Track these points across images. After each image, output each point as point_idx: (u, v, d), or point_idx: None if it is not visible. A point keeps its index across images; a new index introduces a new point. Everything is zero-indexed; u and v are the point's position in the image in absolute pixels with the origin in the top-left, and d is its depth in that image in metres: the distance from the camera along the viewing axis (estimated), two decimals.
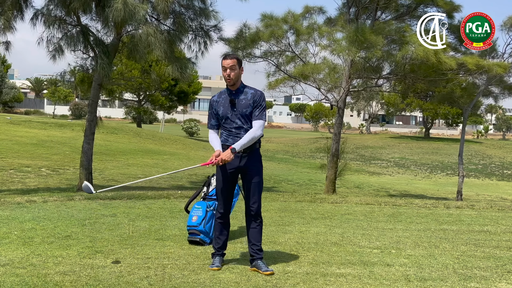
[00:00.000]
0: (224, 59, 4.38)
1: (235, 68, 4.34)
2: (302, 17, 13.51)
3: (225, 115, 4.42)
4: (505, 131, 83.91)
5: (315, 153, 34.86)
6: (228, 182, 4.47)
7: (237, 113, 4.39)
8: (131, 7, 9.30)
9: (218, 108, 4.47)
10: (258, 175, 4.45)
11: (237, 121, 4.39)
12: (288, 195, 9.66)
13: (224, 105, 4.43)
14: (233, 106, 4.39)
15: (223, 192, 4.50)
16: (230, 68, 4.33)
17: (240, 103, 4.40)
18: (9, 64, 60.14)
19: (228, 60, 4.35)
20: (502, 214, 8.25)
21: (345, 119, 62.00)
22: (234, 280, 4.08)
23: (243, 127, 4.39)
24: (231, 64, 4.33)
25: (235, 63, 4.34)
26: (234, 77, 4.35)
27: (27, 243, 4.97)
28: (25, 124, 25.92)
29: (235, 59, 4.38)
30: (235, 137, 4.39)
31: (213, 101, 4.52)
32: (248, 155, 4.41)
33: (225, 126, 4.45)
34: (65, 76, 12.04)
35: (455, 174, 26.88)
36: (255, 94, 4.45)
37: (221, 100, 4.48)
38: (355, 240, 5.69)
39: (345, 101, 13.97)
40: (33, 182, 13.71)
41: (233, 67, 4.33)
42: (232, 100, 4.40)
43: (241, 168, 4.42)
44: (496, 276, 4.45)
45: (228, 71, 4.33)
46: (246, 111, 4.38)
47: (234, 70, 4.34)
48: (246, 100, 4.41)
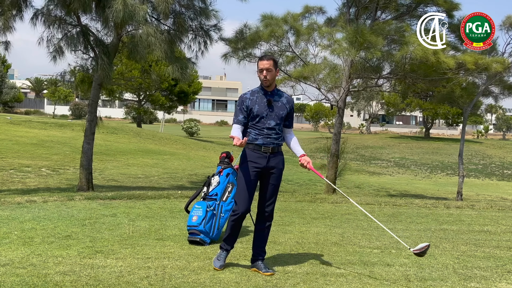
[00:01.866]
0: (261, 60, 4.34)
1: (272, 70, 4.31)
2: (302, 17, 13.51)
3: (261, 114, 4.34)
4: (505, 131, 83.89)
5: (315, 153, 34.85)
6: (251, 182, 4.36)
7: (273, 114, 4.35)
8: (131, 8, 9.30)
9: (252, 106, 4.35)
10: (279, 177, 4.44)
11: (271, 121, 4.35)
12: (288, 195, 9.66)
13: (260, 104, 4.35)
14: (270, 107, 4.35)
15: (247, 191, 4.36)
16: (267, 70, 4.30)
17: (276, 105, 4.38)
18: (9, 64, 60.16)
19: (265, 61, 4.31)
20: (502, 214, 8.25)
21: (345, 119, 62.04)
22: (234, 280, 4.08)
23: (275, 129, 4.37)
24: (267, 65, 4.29)
25: (271, 65, 4.31)
26: (271, 78, 4.33)
27: (27, 243, 4.97)
28: (25, 124, 25.92)
29: (271, 60, 4.34)
30: (266, 138, 4.35)
31: (246, 97, 4.40)
32: (275, 155, 4.40)
33: (257, 125, 4.36)
34: (65, 76, 12.03)
35: (455, 174, 26.89)
36: (289, 99, 4.49)
37: (255, 99, 4.38)
38: (355, 240, 5.70)
39: (345, 101, 13.97)
40: (33, 182, 13.72)
41: (270, 69, 4.30)
42: (270, 100, 4.36)
43: (266, 168, 4.38)
44: (496, 276, 4.45)
45: (265, 72, 4.30)
46: (283, 114, 4.39)
47: (271, 71, 4.31)
48: (282, 103, 4.41)
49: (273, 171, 4.40)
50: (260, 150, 4.35)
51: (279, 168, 4.43)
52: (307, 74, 12.91)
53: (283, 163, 4.48)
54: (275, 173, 4.41)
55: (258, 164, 4.35)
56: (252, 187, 4.38)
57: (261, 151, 4.35)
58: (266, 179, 4.42)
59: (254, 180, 4.37)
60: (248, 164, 4.36)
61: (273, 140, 4.37)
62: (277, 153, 4.42)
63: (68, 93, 65.11)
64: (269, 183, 4.41)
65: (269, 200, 4.44)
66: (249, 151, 4.39)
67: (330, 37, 12.74)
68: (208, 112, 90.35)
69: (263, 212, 4.46)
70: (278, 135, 4.41)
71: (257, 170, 4.36)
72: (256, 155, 4.35)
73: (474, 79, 14.00)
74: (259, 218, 4.50)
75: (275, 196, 4.46)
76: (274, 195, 4.45)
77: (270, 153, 4.36)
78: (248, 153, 4.38)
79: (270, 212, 4.47)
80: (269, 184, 4.41)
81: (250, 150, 4.38)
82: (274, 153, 4.39)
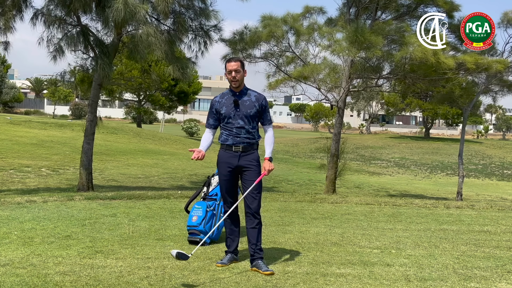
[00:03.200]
0: (229, 62, 4.49)
1: (240, 71, 4.46)
2: (302, 17, 13.51)
3: (228, 115, 4.49)
4: (505, 131, 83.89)
5: (315, 153, 34.86)
6: (228, 181, 4.55)
7: (240, 114, 4.47)
8: (131, 7, 9.30)
9: (220, 108, 4.53)
10: (256, 174, 4.50)
11: (239, 121, 4.47)
12: (288, 195, 9.66)
13: (227, 105, 4.51)
14: (237, 107, 4.48)
15: (226, 191, 4.59)
16: (235, 71, 4.44)
17: (244, 104, 4.50)
18: (9, 64, 60.16)
19: (233, 62, 4.46)
20: (502, 214, 8.25)
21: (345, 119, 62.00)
22: (234, 280, 4.08)
23: (245, 127, 4.48)
24: (235, 67, 4.44)
25: (239, 66, 4.46)
26: (240, 78, 4.47)
27: (27, 243, 4.97)
28: (25, 124, 25.92)
29: (239, 61, 4.50)
30: (235, 137, 4.49)
31: (215, 101, 4.61)
32: (246, 154, 4.51)
33: (226, 126, 4.53)
34: (65, 76, 12.04)
35: (455, 174, 26.88)
36: (259, 97, 4.58)
37: (223, 101, 4.55)
38: (355, 240, 5.70)
39: (345, 101, 13.97)
40: (33, 182, 13.72)
41: (238, 70, 4.44)
42: (236, 100, 4.49)
43: (239, 167, 4.51)
44: (496, 276, 4.45)
45: (234, 73, 4.44)
46: (250, 112, 4.48)
47: (239, 72, 4.45)
48: (250, 101, 4.51)
49: (247, 168, 4.50)
50: (231, 150, 4.51)
51: (253, 165, 4.52)
52: (307, 74, 12.92)
53: (257, 160, 4.56)
54: (250, 171, 4.50)
55: (230, 163, 4.51)
56: (230, 185, 4.57)
57: (232, 151, 4.50)
58: (243, 177, 4.54)
59: (230, 180, 4.56)
60: (221, 165, 4.57)
61: (243, 139, 4.48)
62: (249, 151, 4.52)
63: (68, 93, 65.10)
64: (246, 180, 4.51)
65: (250, 198, 4.48)
66: (221, 152, 4.58)
67: (330, 37, 12.75)
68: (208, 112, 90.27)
69: (248, 210, 4.52)
70: (249, 133, 4.50)
71: (229, 169, 4.52)
72: (228, 155, 4.52)
73: (473, 79, 14.00)
74: (246, 217, 4.56)
75: (255, 193, 4.49)
76: (254, 191, 4.48)
77: (241, 152, 4.49)
78: (221, 154, 4.58)
79: (256, 210, 4.50)
80: (246, 181, 4.51)
81: (222, 151, 4.58)
82: (246, 151, 4.51)
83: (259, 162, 4.58)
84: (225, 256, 4.62)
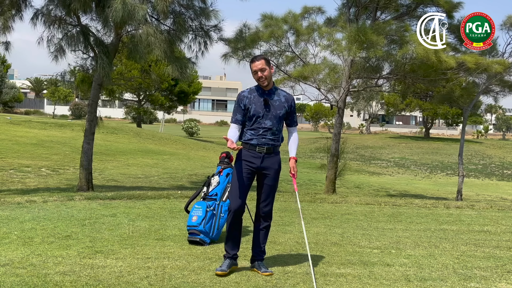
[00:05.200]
0: (253, 62, 4.27)
1: (266, 68, 4.24)
2: (301, 17, 13.51)
3: (257, 114, 4.26)
4: (505, 131, 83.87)
5: (315, 153, 34.87)
6: (245, 181, 4.30)
7: (270, 114, 4.27)
8: (130, 7, 9.30)
9: (249, 105, 4.28)
10: (275, 178, 4.36)
11: (267, 122, 4.27)
12: (288, 195, 9.66)
13: (257, 104, 4.27)
14: (267, 107, 4.27)
15: (239, 190, 4.30)
16: (261, 70, 4.22)
17: (274, 104, 4.29)
18: (9, 64, 60.11)
19: (257, 62, 4.25)
20: (502, 214, 8.25)
21: (345, 119, 62.00)
22: (234, 280, 4.08)
23: (272, 129, 4.29)
24: (260, 66, 4.23)
25: (264, 64, 4.24)
26: (268, 77, 4.26)
27: (27, 243, 4.97)
28: (25, 124, 25.91)
29: (263, 59, 4.27)
30: (261, 138, 4.29)
31: (244, 96, 4.33)
32: (270, 155, 4.34)
33: (253, 125, 4.30)
34: (65, 76, 12.04)
35: (455, 174, 26.89)
36: (288, 97, 4.39)
37: (252, 98, 4.30)
38: (355, 240, 5.69)
39: (345, 101, 13.97)
40: (33, 182, 13.71)
41: (264, 68, 4.23)
42: (267, 100, 4.28)
43: (260, 169, 4.32)
44: (496, 276, 4.45)
45: (260, 73, 4.23)
46: (280, 113, 4.30)
47: (265, 70, 4.23)
48: (280, 102, 4.32)
49: (268, 171, 4.33)
50: (255, 150, 4.30)
51: (275, 169, 4.36)
52: (307, 74, 12.91)
53: (279, 163, 4.41)
54: (270, 174, 4.34)
55: (252, 163, 4.29)
56: (244, 186, 4.30)
57: (256, 151, 4.30)
58: (262, 180, 4.37)
59: (247, 179, 4.31)
60: (242, 163, 4.32)
61: (268, 140, 4.30)
62: (272, 153, 4.35)
63: (68, 93, 65.14)
64: (264, 183, 4.36)
65: (265, 201, 4.38)
66: (244, 151, 4.34)
67: (330, 37, 12.75)
68: (208, 112, 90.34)
69: (260, 213, 4.43)
70: (275, 135, 4.34)
71: (250, 169, 4.31)
72: (251, 155, 4.30)
73: (474, 79, 14.00)
74: (257, 218, 4.48)
75: (271, 197, 4.39)
76: (270, 196, 4.38)
77: (265, 153, 4.30)
78: (243, 152, 4.34)
79: (268, 213, 4.42)
80: (264, 184, 4.36)
81: (245, 150, 4.33)
82: (269, 153, 4.33)
83: (280, 166, 4.43)
84: (223, 261, 4.34)
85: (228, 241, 4.38)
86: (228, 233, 4.38)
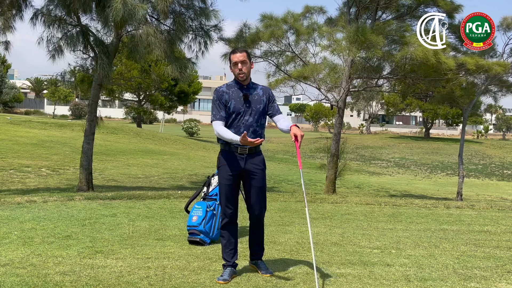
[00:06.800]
0: (233, 53, 4.09)
1: (247, 62, 4.08)
2: (302, 17, 13.51)
3: (237, 110, 4.05)
4: (505, 131, 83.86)
5: (315, 153, 34.86)
6: (231, 186, 4.12)
7: (250, 110, 4.07)
8: (130, 7, 9.30)
9: (229, 101, 4.07)
10: (262, 179, 4.15)
11: (248, 118, 4.06)
12: (288, 195, 9.66)
13: (236, 99, 4.07)
14: (247, 102, 4.07)
15: (228, 199, 4.14)
16: (242, 62, 4.05)
17: (253, 99, 4.11)
18: (9, 64, 60.15)
19: (238, 53, 4.07)
20: (502, 214, 8.25)
21: (345, 119, 62.01)
22: (234, 280, 4.08)
23: (253, 126, 4.08)
24: (242, 58, 4.05)
25: (245, 56, 4.07)
26: (247, 71, 4.08)
27: (27, 243, 4.97)
28: (25, 124, 25.91)
29: (244, 52, 4.10)
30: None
31: (222, 91, 4.10)
32: (253, 156, 4.12)
33: (233, 123, 4.07)
34: (65, 76, 12.05)
35: (455, 174, 26.89)
36: (265, 89, 4.23)
37: (231, 93, 4.09)
38: (355, 240, 5.69)
39: (345, 101, 13.97)
40: (33, 182, 13.71)
41: (245, 61, 4.06)
42: (246, 95, 4.08)
43: (245, 171, 4.11)
44: (496, 276, 4.45)
45: (240, 65, 4.04)
46: (260, 108, 4.11)
47: (246, 64, 4.07)
48: (258, 95, 4.14)
49: (254, 172, 4.11)
50: (237, 151, 4.07)
51: (260, 169, 4.13)
52: (307, 74, 12.91)
53: (264, 163, 4.19)
54: (257, 175, 4.12)
55: (235, 167, 4.07)
56: (232, 192, 4.12)
57: (238, 153, 4.07)
58: (248, 182, 4.13)
59: (233, 185, 4.11)
60: (224, 168, 4.10)
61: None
62: (255, 153, 4.13)
63: (68, 93, 65.13)
64: (252, 185, 4.12)
65: (256, 204, 4.15)
66: (224, 153, 4.12)
67: (330, 37, 12.75)
68: (208, 112, 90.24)
69: (253, 215, 4.24)
70: (256, 133, 4.10)
71: (234, 174, 4.09)
72: (232, 157, 4.08)
73: (474, 79, 14.01)
74: (250, 219, 4.31)
75: (262, 198, 4.16)
76: (260, 197, 4.15)
77: (247, 154, 4.08)
78: (224, 156, 4.12)
79: (262, 214, 4.24)
80: (252, 187, 4.12)
81: (225, 152, 4.11)
82: (252, 153, 4.11)
83: (265, 165, 4.21)
84: (224, 270, 4.15)
85: (226, 249, 4.22)
86: (226, 241, 4.23)
